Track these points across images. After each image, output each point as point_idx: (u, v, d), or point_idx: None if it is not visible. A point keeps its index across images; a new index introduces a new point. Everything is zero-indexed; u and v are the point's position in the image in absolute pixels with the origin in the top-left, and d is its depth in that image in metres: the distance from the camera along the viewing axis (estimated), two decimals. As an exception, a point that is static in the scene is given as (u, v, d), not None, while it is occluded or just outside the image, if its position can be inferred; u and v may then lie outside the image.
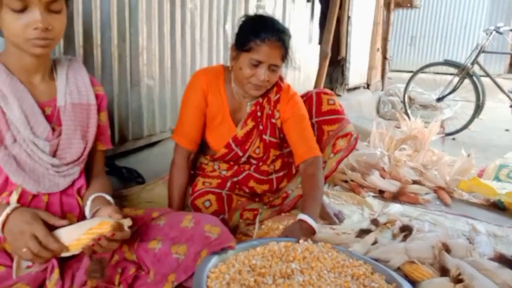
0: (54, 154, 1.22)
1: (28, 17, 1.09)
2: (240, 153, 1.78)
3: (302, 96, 1.94)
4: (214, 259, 1.26)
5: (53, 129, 1.23)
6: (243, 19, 1.65)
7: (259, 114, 1.74)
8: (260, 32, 1.53)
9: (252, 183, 1.83)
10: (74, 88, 1.29)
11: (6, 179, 1.18)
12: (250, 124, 1.74)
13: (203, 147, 1.84)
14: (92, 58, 1.97)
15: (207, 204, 1.73)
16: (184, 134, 1.71)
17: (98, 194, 1.26)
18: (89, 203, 1.24)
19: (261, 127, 1.76)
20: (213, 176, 1.83)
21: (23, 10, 1.08)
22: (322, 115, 1.87)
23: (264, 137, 1.76)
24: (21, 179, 1.17)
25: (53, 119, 1.25)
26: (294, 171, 1.93)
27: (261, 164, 1.84)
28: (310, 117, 1.88)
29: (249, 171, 1.82)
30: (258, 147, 1.78)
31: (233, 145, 1.75)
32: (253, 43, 1.53)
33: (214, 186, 1.78)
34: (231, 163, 1.84)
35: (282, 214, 1.94)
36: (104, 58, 2.03)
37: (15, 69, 1.20)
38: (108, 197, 1.27)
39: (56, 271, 1.11)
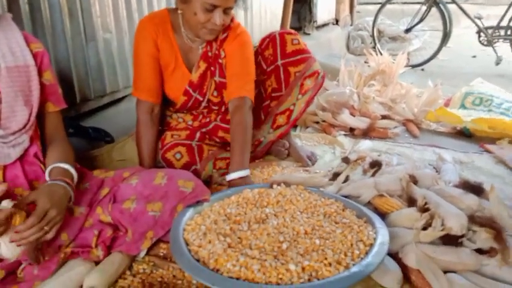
0: None
1: None
2: (200, 98, 1.72)
3: (265, 38, 1.89)
4: (190, 212, 1.28)
5: None
6: None
7: (210, 54, 1.67)
8: None
9: (220, 133, 1.81)
10: (6, 50, 1.18)
11: None
12: (203, 66, 1.67)
13: (167, 100, 1.78)
14: (40, 14, 1.84)
15: (178, 157, 1.71)
16: (143, 86, 1.63)
17: (54, 164, 1.19)
18: (46, 177, 1.19)
19: (212, 68, 1.69)
20: (180, 129, 1.80)
21: None
22: (287, 56, 1.84)
23: (214, 78, 1.70)
24: None
25: None
26: (262, 117, 1.93)
27: (224, 110, 1.81)
28: (275, 60, 1.85)
29: (215, 122, 1.80)
30: (215, 89, 1.73)
31: (191, 91, 1.69)
32: None
33: (183, 138, 1.75)
34: (194, 113, 1.81)
35: (256, 161, 1.96)
36: (53, 13, 1.90)
37: None
38: (65, 165, 1.20)
39: None
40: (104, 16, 2.16)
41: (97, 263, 1.19)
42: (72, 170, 1.21)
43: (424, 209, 1.33)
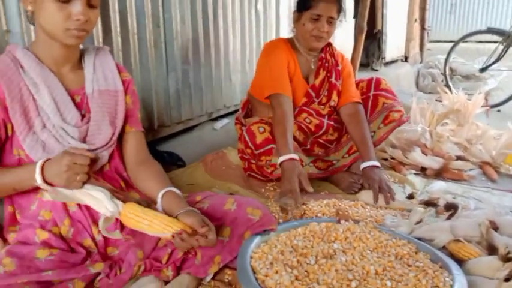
0: (83, 140, 1.27)
1: (71, 9, 1.13)
2: (315, 99, 2.04)
3: (362, 81, 2.14)
4: (257, 240, 1.29)
5: (83, 116, 1.28)
6: None
7: (326, 65, 2.04)
8: None
9: (303, 115, 2.03)
10: (100, 76, 1.33)
11: None
12: (322, 74, 2.03)
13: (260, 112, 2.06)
14: (129, 46, 2.02)
15: (261, 130, 1.88)
16: (283, 83, 1.91)
17: (167, 189, 1.28)
18: (159, 200, 1.27)
19: (329, 74, 2.04)
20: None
21: (67, 1, 1.13)
22: (380, 90, 2.08)
23: (330, 79, 2.03)
24: None
25: (82, 106, 1.29)
26: (343, 131, 2.09)
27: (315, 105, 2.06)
28: (368, 91, 2.11)
29: (300, 107, 2.04)
30: (327, 90, 2.03)
31: (311, 92, 2.03)
32: (313, 1, 1.83)
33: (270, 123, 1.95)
34: None
35: (321, 193, 1.93)
36: (140, 45, 2.07)
37: (45, 59, 1.24)
38: (177, 191, 1.29)
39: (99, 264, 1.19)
40: (185, 49, 2.32)
41: (166, 282, 1.23)
42: (180, 192, 1.30)
43: (506, 259, 1.23)
